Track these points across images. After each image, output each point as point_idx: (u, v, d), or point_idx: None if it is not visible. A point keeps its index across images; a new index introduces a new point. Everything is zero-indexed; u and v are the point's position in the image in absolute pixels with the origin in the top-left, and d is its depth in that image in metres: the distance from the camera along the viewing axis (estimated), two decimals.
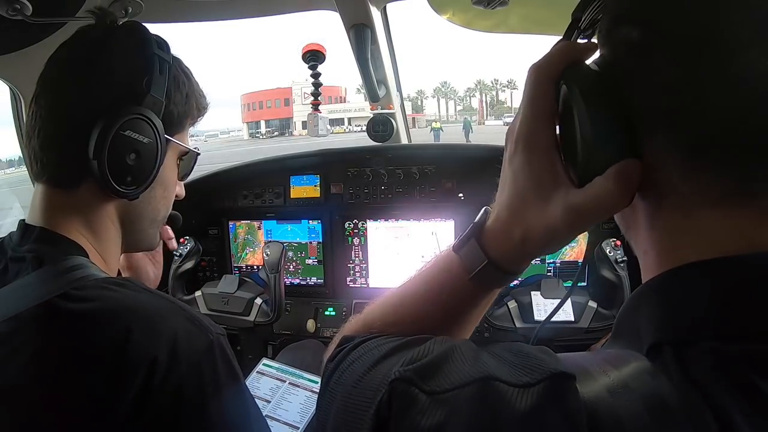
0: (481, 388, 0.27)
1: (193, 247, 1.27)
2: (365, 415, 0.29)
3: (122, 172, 0.55)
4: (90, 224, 0.57)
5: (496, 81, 76.47)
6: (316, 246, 1.43)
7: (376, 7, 1.16)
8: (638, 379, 0.26)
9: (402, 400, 0.28)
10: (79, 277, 0.49)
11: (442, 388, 0.27)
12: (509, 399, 0.26)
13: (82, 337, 0.46)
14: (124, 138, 0.53)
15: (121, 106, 0.53)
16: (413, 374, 0.28)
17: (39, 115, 0.54)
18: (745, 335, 0.26)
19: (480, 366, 0.28)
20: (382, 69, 1.34)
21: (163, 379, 0.45)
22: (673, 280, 0.30)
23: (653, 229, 0.32)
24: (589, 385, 0.26)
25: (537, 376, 0.26)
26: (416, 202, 1.36)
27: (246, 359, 1.35)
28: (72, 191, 0.55)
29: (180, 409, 0.46)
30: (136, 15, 0.85)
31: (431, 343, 0.32)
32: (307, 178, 1.42)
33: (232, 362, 0.53)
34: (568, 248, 1.30)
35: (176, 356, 0.47)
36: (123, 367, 0.44)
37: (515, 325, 1.16)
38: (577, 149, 0.31)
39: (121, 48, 0.56)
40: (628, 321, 0.33)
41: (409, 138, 1.60)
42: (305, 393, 1.05)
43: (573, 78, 0.32)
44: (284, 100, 54.96)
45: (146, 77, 0.55)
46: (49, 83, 0.55)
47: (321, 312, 1.41)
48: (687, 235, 0.30)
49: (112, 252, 0.60)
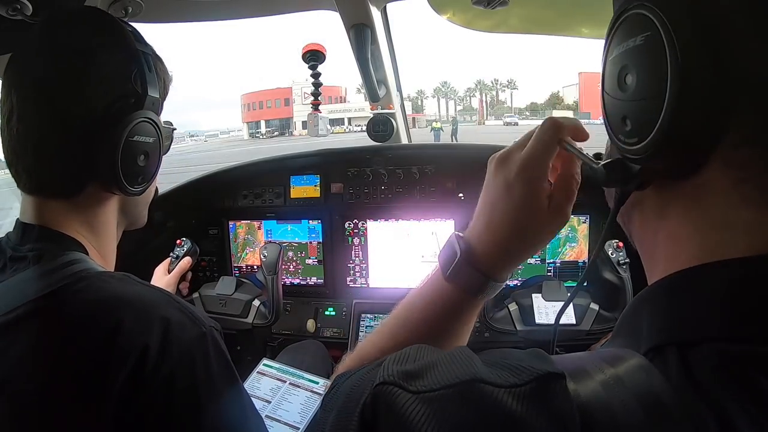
0: (467, 389, 0.26)
1: (190, 248, 1.27)
2: (351, 418, 0.29)
3: (135, 175, 0.56)
4: (90, 224, 0.57)
5: (496, 81, 76.55)
6: (316, 246, 1.43)
7: (376, 7, 1.16)
8: (633, 376, 0.26)
9: (386, 400, 0.28)
10: (76, 271, 0.50)
11: (428, 387, 0.27)
12: (496, 400, 0.25)
13: (74, 328, 0.46)
14: (133, 144, 0.54)
15: (125, 113, 0.53)
16: (398, 377, 0.28)
17: (29, 130, 0.51)
18: (752, 337, 0.25)
19: (467, 369, 0.28)
20: (382, 69, 1.34)
21: (154, 367, 0.45)
22: (684, 281, 0.30)
23: (678, 226, 0.31)
24: (585, 383, 0.26)
25: (525, 377, 0.26)
26: (416, 202, 1.36)
27: (245, 361, 1.35)
28: (72, 198, 0.55)
29: (172, 400, 0.46)
30: (136, 15, 0.84)
31: (424, 349, 0.32)
32: (307, 178, 1.42)
33: (225, 356, 0.52)
34: (568, 248, 1.30)
35: (168, 345, 0.47)
36: (113, 355, 0.44)
37: (516, 328, 1.15)
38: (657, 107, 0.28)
39: (106, 51, 0.54)
40: (631, 321, 0.33)
41: (409, 138, 1.60)
42: (305, 393, 1.05)
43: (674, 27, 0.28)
44: (284, 100, 54.99)
45: (140, 77, 0.54)
46: (36, 97, 0.52)
47: (321, 312, 1.41)
48: (726, 231, 0.28)
49: (111, 247, 0.61)
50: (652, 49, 0.28)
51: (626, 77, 0.31)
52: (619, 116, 0.32)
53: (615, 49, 0.32)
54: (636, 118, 0.30)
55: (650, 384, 0.26)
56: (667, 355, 0.27)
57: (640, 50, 0.30)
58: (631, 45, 0.30)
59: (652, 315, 0.30)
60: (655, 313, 0.30)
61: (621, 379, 0.26)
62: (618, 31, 0.32)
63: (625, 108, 0.31)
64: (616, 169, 0.34)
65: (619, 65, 0.32)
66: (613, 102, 0.33)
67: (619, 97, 0.32)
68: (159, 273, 1.20)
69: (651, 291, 0.32)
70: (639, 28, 0.29)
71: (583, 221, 1.29)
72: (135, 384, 0.44)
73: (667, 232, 0.32)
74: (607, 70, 0.34)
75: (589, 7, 1.00)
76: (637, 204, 0.36)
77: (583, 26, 1.09)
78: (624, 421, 0.24)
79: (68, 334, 0.46)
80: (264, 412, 1.00)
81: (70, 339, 0.46)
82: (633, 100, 0.30)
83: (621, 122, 0.32)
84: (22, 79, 0.53)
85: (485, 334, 1.29)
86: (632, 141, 0.31)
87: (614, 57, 0.32)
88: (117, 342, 0.45)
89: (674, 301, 0.30)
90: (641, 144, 0.30)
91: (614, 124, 0.33)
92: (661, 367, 0.26)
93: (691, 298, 0.29)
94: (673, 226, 0.32)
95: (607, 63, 0.33)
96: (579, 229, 1.29)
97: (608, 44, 0.33)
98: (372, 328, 1.34)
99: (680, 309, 0.29)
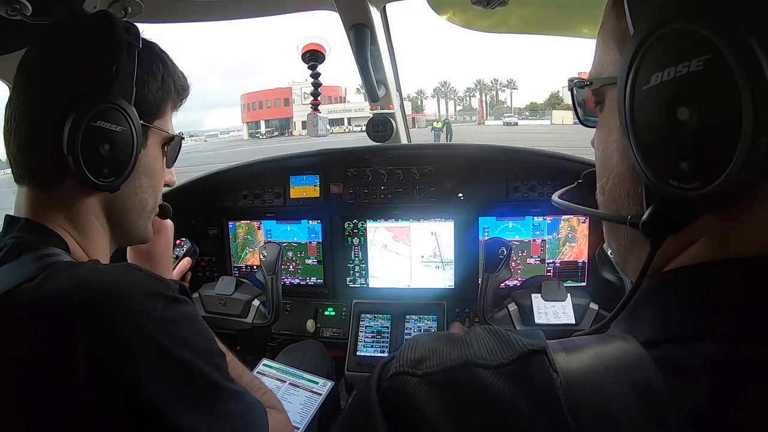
0: (461, 373, 0.28)
1: (189, 248, 1.27)
2: (371, 406, 0.29)
3: (98, 164, 0.54)
4: (73, 220, 0.56)
5: (496, 81, 76.47)
6: (316, 246, 1.43)
7: (376, 7, 1.16)
8: (626, 361, 0.27)
9: (400, 389, 0.29)
10: (49, 263, 0.49)
11: (431, 370, 0.28)
12: (484, 382, 0.27)
13: (35, 316, 0.45)
14: (95, 129, 0.52)
15: (90, 97, 0.52)
16: (408, 366, 0.29)
17: (13, 117, 0.54)
18: (745, 336, 0.25)
19: (462, 351, 0.29)
20: (381, 69, 1.34)
21: (113, 340, 0.43)
22: (681, 279, 0.30)
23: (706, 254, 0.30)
24: (574, 356, 0.27)
25: (510, 354, 0.28)
26: (416, 202, 1.36)
27: (245, 361, 1.34)
28: (53, 189, 0.55)
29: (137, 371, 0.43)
30: (136, 15, 0.84)
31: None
32: (307, 178, 1.42)
33: (196, 320, 0.50)
34: (568, 248, 1.30)
35: (129, 317, 0.44)
36: (71, 339, 0.43)
37: (515, 328, 1.16)
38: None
39: (84, 38, 0.55)
40: (631, 311, 0.33)
41: (409, 138, 1.60)
42: (305, 393, 1.05)
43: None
44: (284, 100, 54.93)
45: (113, 65, 0.54)
46: (19, 85, 0.55)
47: (321, 312, 1.41)
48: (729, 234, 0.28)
49: (99, 248, 0.59)
50: (717, 78, 0.24)
51: (678, 111, 0.26)
52: (670, 158, 0.27)
53: (653, 75, 0.27)
54: (699, 161, 0.26)
55: (643, 372, 0.26)
56: (662, 349, 0.27)
57: (699, 79, 0.25)
58: (684, 72, 0.25)
59: (652, 309, 0.31)
60: (653, 309, 0.30)
61: (611, 357, 0.27)
62: (654, 50, 0.27)
63: (679, 148, 0.27)
64: (666, 217, 0.29)
65: (665, 96, 0.27)
66: (657, 139, 0.28)
67: (668, 133, 0.27)
68: None
69: (653, 284, 0.32)
70: (691, 49, 0.25)
71: (582, 221, 1.29)
72: (98, 364, 0.43)
73: (684, 261, 0.31)
74: (639, 98, 0.29)
75: (589, 7, 1.00)
76: (640, 242, 0.33)
77: (583, 26, 1.09)
78: (616, 407, 0.25)
79: (29, 323, 0.45)
80: None
81: (31, 328, 0.45)
82: (693, 139, 0.26)
83: (673, 164, 0.27)
84: (25, 81, 0.55)
85: None
86: (692, 186, 0.26)
87: (654, 85, 0.27)
88: (74, 325, 0.43)
89: (675, 297, 0.30)
90: (706, 188, 0.25)
91: (660, 166, 0.28)
92: (655, 357, 0.27)
93: (690, 295, 0.29)
94: (699, 250, 0.30)
95: (639, 90, 0.28)
96: (579, 229, 1.29)
97: (635, 64, 0.28)
98: (372, 328, 1.34)
99: (680, 306, 0.29)
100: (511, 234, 1.32)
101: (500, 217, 1.32)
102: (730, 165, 0.24)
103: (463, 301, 1.33)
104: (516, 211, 1.31)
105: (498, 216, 1.32)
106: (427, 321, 1.32)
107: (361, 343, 1.32)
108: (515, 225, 1.32)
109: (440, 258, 1.36)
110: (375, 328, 1.34)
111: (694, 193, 0.26)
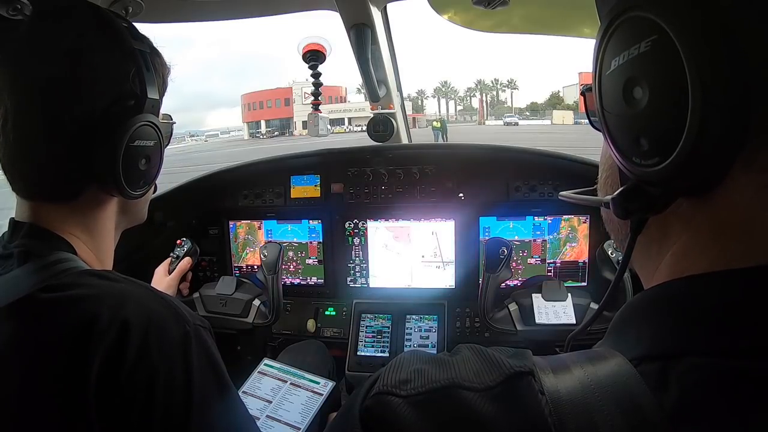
0: (447, 394, 0.28)
1: (190, 248, 1.27)
2: (353, 422, 0.30)
3: (136, 179, 0.56)
4: (87, 226, 0.56)
5: (496, 81, 76.43)
6: (317, 246, 1.43)
7: (377, 7, 1.16)
8: (612, 378, 0.26)
9: (382, 408, 0.29)
10: (61, 270, 0.49)
11: (415, 391, 0.29)
12: (470, 404, 0.27)
13: (53, 324, 0.46)
14: (134, 148, 0.53)
15: (125, 116, 0.52)
16: (392, 386, 0.30)
17: (24, 136, 0.50)
18: (736, 351, 0.25)
19: (448, 372, 0.30)
20: (382, 69, 1.34)
21: (132, 366, 0.44)
22: (676, 290, 0.29)
23: (690, 241, 0.29)
24: (562, 377, 0.27)
25: (497, 376, 0.28)
26: (416, 202, 1.36)
27: (245, 360, 1.35)
28: (70, 202, 0.54)
29: (153, 403, 0.44)
30: (136, 15, 0.85)
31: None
32: (308, 178, 1.42)
33: (213, 358, 0.50)
34: (569, 248, 1.30)
35: (147, 344, 0.45)
36: (89, 353, 0.43)
37: (516, 328, 1.15)
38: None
39: (100, 51, 0.52)
40: (620, 328, 0.32)
41: (410, 138, 1.60)
42: (306, 393, 1.05)
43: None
44: (284, 100, 54.92)
45: (138, 78, 0.53)
46: (30, 102, 0.50)
47: (321, 312, 1.41)
48: (747, 240, 0.26)
49: (107, 247, 0.60)
50: (663, 55, 0.25)
51: (633, 90, 0.28)
52: (631, 136, 0.28)
53: (613, 60, 0.29)
54: (654, 136, 0.27)
55: (630, 390, 0.26)
56: (651, 366, 0.26)
57: (648, 58, 0.26)
58: (635, 53, 0.27)
59: (641, 324, 0.30)
60: (644, 322, 0.30)
61: (599, 378, 0.27)
62: (613, 39, 0.29)
63: (637, 125, 0.28)
64: (634, 197, 0.30)
65: (622, 78, 0.28)
66: (619, 120, 0.29)
67: (627, 113, 0.28)
68: (159, 274, 1.20)
69: (643, 299, 0.31)
70: (641, 32, 0.26)
71: (583, 221, 1.29)
72: (112, 383, 0.43)
73: (675, 250, 0.30)
74: (604, 84, 0.30)
75: (589, 7, 0.99)
76: None
77: (583, 26, 1.08)
78: (602, 422, 0.25)
79: (46, 330, 0.45)
80: (265, 412, 1.00)
81: (48, 335, 0.45)
82: (647, 116, 0.27)
83: (633, 142, 0.28)
84: (14, 82, 0.50)
85: (485, 334, 1.29)
86: (652, 162, 0.27)
87: (614, 69, 0.29)
88: (92, 339, 0.44)
89: (664, 312, 0.29)
90: (664, 164, 0.26)
91: (624, 146, 0.29)
92: (644, 374, 0.26)
93: (679, 310, 0.28)
94: (684, 242, 0.29)
95: (604, 77, 0.30)
96: (579, 229, 1.29)
97: (600, 55, 0.30)
98: (372, 327, 1.34)
99: (668, 321, 0.28)
100: (511, 234, 1.32)
101: (501, 217, 1.33)
102: (682, 138, 0.25)
103: (463, 301, 1.33)
104: (516, 211, 1.31)
105: (498, 216, 1.32)
106: (427, 321, 1.32)
107: (362, 343, 1.32)
108: (516, 225, 1.32)
109: (441, 258, 1.36)
110: (375, 327, 1.34)
111: (654, 169, 0.27)
